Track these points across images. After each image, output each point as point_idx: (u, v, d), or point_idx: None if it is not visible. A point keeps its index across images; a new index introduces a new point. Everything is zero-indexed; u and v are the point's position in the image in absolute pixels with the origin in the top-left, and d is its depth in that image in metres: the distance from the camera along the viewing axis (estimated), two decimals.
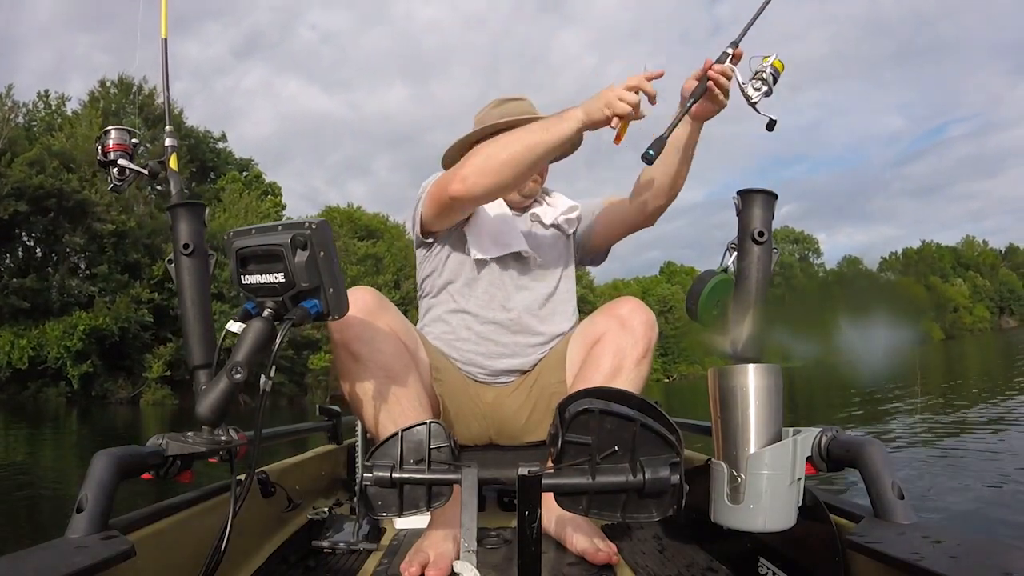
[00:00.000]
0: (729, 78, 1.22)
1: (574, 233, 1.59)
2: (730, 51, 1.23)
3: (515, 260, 1.48)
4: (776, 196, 1.13)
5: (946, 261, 76.29)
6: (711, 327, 1.15)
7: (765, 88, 1.20)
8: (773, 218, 1.13)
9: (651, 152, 1.19)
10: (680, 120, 1.24)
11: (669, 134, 1.21)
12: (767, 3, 1.25)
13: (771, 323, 1.07)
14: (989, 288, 78.36)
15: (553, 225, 1.55)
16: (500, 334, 1.45)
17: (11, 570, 0.66)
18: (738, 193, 1.13)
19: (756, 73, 1.20)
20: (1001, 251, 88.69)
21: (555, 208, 1.56)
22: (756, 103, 1.20)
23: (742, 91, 1.21)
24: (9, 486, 4.98)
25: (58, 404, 21.91)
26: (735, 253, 1.14)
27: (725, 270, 1.16)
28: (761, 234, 1.09)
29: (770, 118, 1.20)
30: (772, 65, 1.20)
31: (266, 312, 0.92)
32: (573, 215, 1.57)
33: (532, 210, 1.55)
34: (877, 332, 1.00)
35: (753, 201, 1.11)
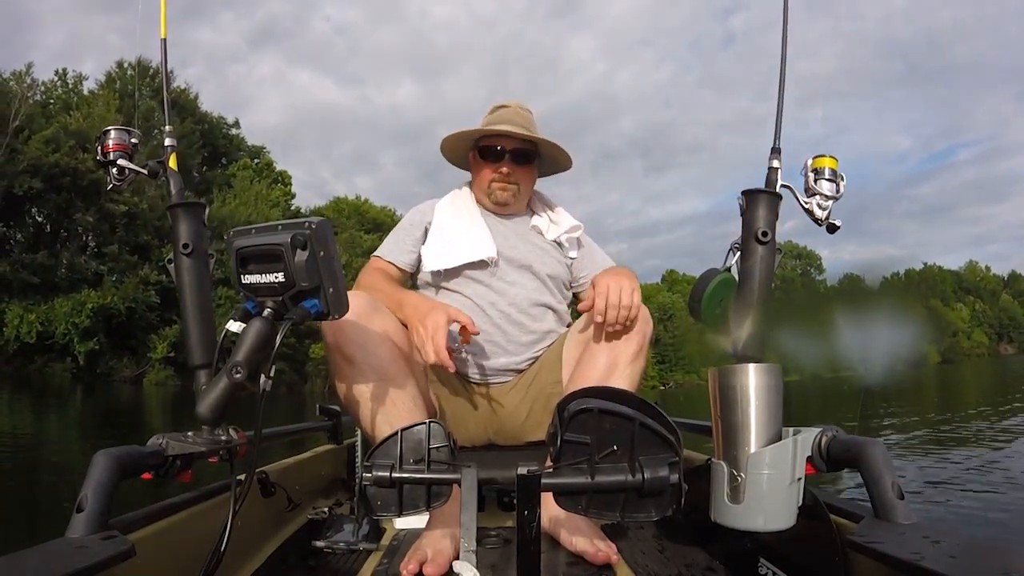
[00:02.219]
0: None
1: (572, 263, 1.62)
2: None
3: (505, 263, 1.50)
4: (780, 197, 1.13)
5: (947, 284, 76.07)
6: (713, 326, 1.14)
7: (831, 202, 1.10)
8: (777, 219, 1.12)
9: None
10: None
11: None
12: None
13: (773, 324, 1.06)
14: (989, 314, 78.76)
15: (555, 242, 1.59)
16: (490, 331, 1.46)
17: (11, 570, 0.66)
18: (743, 193, 1.13)
19: (810, 189, 1.10)
20: (1003, 277, 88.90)
21: (558, 226, 1.60)
22: (827, 219, 1.10)
23: (807, 212, 1.11)
24: (11, 472, 5.01)
25: (63, 379, 22.17)
26: (739, 253, 1.14)
27: (728, 269, 1.16)
28: (765, 234, 1.09)
29: (834, 224, 1.12)
30: (828, 168, 1.10)
31: (266, 312, 0.92)
32: (575, 235, 1.61)
33: (533, 222, 1.60)
34: (878, 338, 0.99)
35: (758, 201, 1.11)
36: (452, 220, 1.55)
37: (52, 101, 27.57)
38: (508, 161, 1.54)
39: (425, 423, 0.94)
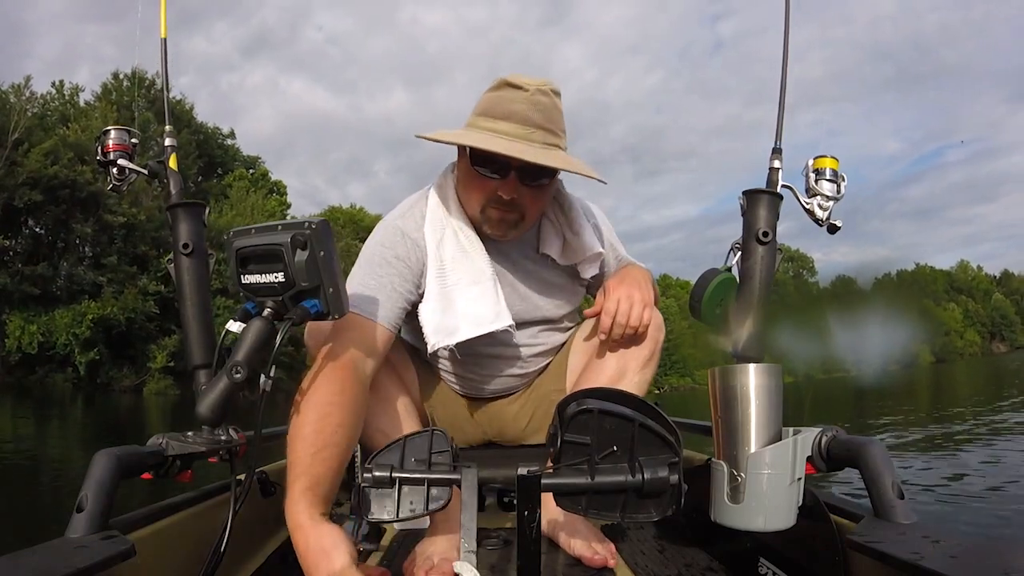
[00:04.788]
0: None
1: (590, 281, 1.34)
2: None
3: (516, 317, 1.20)
4: (781, 197, 1.13)
5: (939, 285, 76.23)
6: (714, 326, 1.14)
7: (832, 202, 1.11)
8: (778, 219, 1.13)
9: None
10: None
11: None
12: None
13: (773, 325, 1.06)
14: (981, 313, 79.47)
15: (568, 267, 1.28)
16: (489, 383, 1.35)
17: (11, 570, 0.66)
18: (744, 193, 1.13)
19: (811, 189, 1.10)
20: (995, 277, 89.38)
21: (575, 251, 1.25)
22: (827, 219, 1.11)
23: (807, 212, 1.11)
24: (14, 476, 5.03)
25: (64, 389, 22.50)
26: (739, 253, 1.14)
27: (729, 269, 1.16)
28: (765, 234, 1.09)
29: (835, 224, 1.12)
30: (829, 168, 1.11)
31: (266, 312, 0.92)
32: (595, 263, 1.29)
33: (543, 247, 1.24)
34: (872, 339, 0.99)
35: (759, 202, 1.11)
36: (452, 269, 1.16)
37: (49, 113, 27.77)
38: (514, 180, 1.09)
39: (429, 431, 0.94)
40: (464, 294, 1.15)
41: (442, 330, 1.14)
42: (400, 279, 1.13)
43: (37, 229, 25.94)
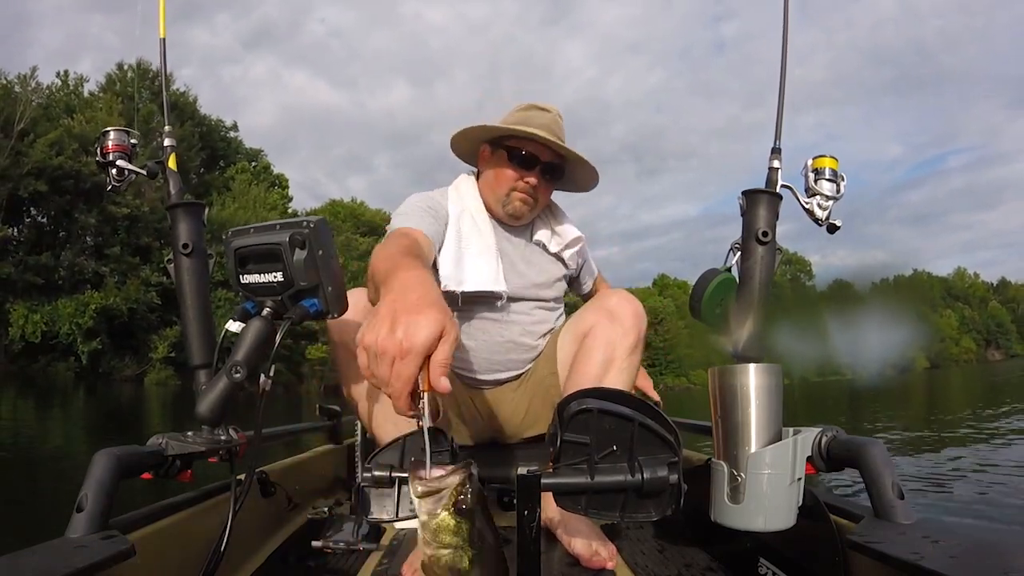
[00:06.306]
0: None
1: (576, 273, 1.62)
2: None
3: (513, 292, 1.44)
4: (781, 197, 1.13)
5: (936, 291, 75.99)
6: (714, 326, 1.14)
7: (832, 202, 1.11)
8: (777, 219, 1.12)
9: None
10: None
11: None
12: None
13: (770, 327, 1.06)
14: (977, 321, 79.35)
15: (556, 255, 1.54)
16: (491, 353, 1.45)
17: (11, 570, 0.66)
18: (743, 193, 1.12)
19: (810, 189, 1.10)
20: (992, 284, 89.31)
21: (561, 237, 1.53)
22: (827, 219, 1.11)
23: (807, 212, 1.11)
24: (14, 470, 5.03)
25: (67, 378, 22.67)
26: (739, 253, 1.14)
27: (728, 269, 1.16)
28: (765, 234, 1.09)
29: (834, 224, 1.12)
30: (829, 168, 1.11)
31: (265, 311, 0.92)
32: (576, 248, 1.55)
33: (536, 235, 1.52)
34: (869, 343, 0.99)
35: (758, 201, 1.11)
36: (467, 238, 1.42)
37: (54, 103, 27.87)
38: (539, 173, 1.43)
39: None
40: (473, 259, 1.41)
41: (453, 278, 1.37)
42: (433, 219, 1.37)
43: (41, 219, 26.18)
